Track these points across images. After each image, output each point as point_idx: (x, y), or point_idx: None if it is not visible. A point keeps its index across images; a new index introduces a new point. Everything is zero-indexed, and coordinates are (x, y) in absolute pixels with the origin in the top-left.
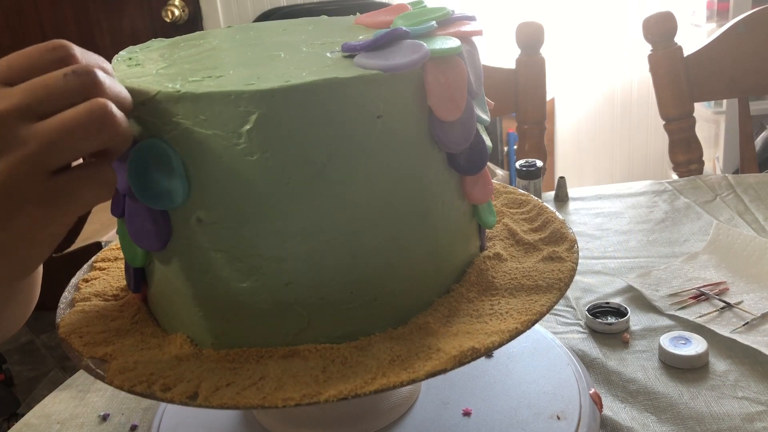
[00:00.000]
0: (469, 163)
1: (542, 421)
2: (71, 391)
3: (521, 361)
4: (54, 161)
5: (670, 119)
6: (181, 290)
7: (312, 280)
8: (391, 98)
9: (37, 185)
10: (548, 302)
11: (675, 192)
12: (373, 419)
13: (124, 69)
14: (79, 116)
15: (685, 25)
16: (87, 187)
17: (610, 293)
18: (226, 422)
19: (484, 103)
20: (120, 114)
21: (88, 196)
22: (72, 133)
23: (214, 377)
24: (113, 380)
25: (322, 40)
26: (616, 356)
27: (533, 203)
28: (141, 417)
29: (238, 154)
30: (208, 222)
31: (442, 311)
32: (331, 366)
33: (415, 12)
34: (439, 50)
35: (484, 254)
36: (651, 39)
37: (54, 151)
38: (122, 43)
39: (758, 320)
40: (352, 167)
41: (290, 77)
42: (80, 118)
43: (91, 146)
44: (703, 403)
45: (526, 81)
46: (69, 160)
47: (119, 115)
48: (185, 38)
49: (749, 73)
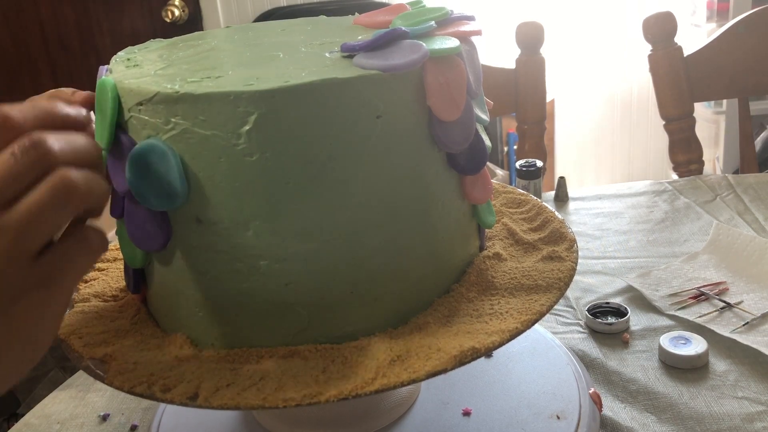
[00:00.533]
0: (469, 163)
1: (542, 421)
2: (71, 391)
3: (521, 361)
4: (32, 246)
5: (670, 119)
6: (180, 291)
7: (312, 280)
8: (391, 98)
9: (24, 272)
10: (548, 302)
11: (675, 192)
12: (373, 419)
13: (122, 70)
14: (42, 199)
15: (685, 25)
16: (76, 256)
17: (610, 293)
18: (226, 422)
19: (484, 103)
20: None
21: (80, 265)
22: (41, 216)
23: (214, 378)
24: (113, 381)
25: (321, 40)
26: (616, 356)
27: (532, 203)
28: (141, 417)
29: (238, 154)
30: (207, 222)
31: (442, 311)
32: (331, 366)
33: (414, 12)
34: (439, 50)
35: (483, 254)
36: (651, 39)
37: (29, 238)
38: (122, 43)
39: (758, 320)
40: (352, 167)
41: (289, 77)
42: (44, 199)
43: (65, 219)
44: (703, 403)
45: (526, 81)
46: (47, 238)
47: (83, 179)
48: (184, 39)
49: (749, 73)
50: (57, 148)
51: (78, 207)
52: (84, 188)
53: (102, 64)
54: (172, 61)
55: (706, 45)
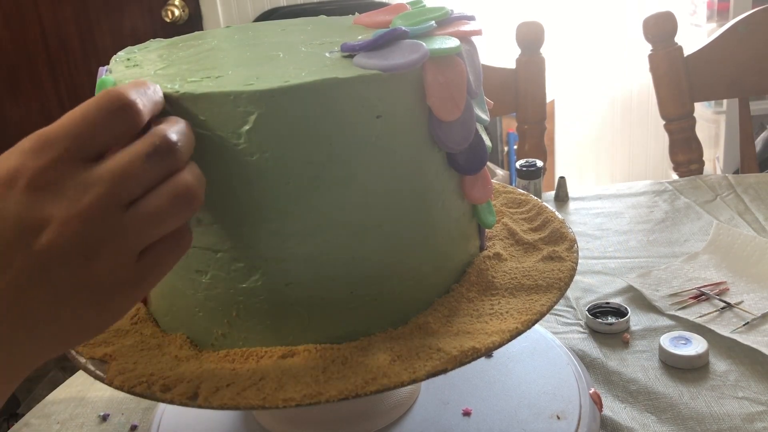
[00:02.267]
0: (469, 162)
1: (542, 421)
2: (71, 391)
3: (521, 361)
4: (142, 247)
5: (671, 119)
6: (180, 290)
7: (312, 280)
8: (391, 98)
9: (128, 270)
10: (548, 302)
11: (675, 192)
12: (373, 419)
13: (122, 70)
14: (164, 205)
15: (685, 25)
16: (171, 256)
17: (610, 293)
18: (226, 422)
19: (484, 102)
20: (200, 183)
21: (172, 265)
22: (160, 221)
23: (214, 377)
24: (113, 381)
25: (321, 40)
26: (617, 356)
27: (533, 203)
28: (141, 417)
29: (238, 154)
30: (207, 222)
31: (442, 311)
32: (331, 366)
33: (414, 12)
34: (439, 50)
35: (483, 254)
36: (651, 39)
37: (143, 240)
38: (122, 43)
39: (758, 320)
40: (352, 167)
41: (289, 77)
42: (165, 206)
43: (179, 223)
44: (703, 404)
45: (526, 81)
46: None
47: (200, 184)
48: (184, 38)
49: (749, 73)
50: (183, 150)
51: (194, 213)
52: (201, 193)
53: (102, 64)
54: (172, 61)
55: (706, 45)
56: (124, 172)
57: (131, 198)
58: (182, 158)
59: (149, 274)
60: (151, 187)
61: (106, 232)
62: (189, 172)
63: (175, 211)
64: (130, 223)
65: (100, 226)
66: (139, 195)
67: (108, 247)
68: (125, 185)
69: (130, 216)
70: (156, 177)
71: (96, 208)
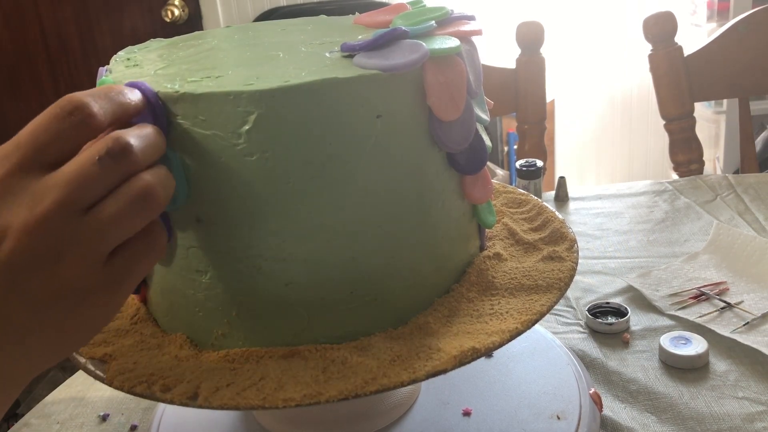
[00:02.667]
0: (469, 162)
1: (542, 421)
2: (71, 391)
3: (521, 361)
4: (107, 251)
5: (671, 119)
6: (180, 291)
7: (312, 280)
8: (391, 98)
9: (95, 274)
10: (548, 302)
11: (675, 192)
12: (373, 419)
13: (122, 70)
14: (123, 207)
15: (685, 25)
16: (144, 257)
17: (610, 293)
18: (226, 422)
19: (484, 102)
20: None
21: (146, 267)
22: (120, 224)
23: (214, 378)
24: (113, 381)
25: (321, 40)
26: (617, 356)
27: (533, 203)
28: (141, 417)
29: (238, 154)
30: (207, 222)
31: (442, 311)
32: (331, 366)
33: (414, 12)
34: (439, 50)
35: (484, 254)
36: (651, 39)
37: (105, 244)
38: (122, 43)
39: (758, 320)
40: (352, 167)
41: (289, 77)
42: (125, 208)
43: (142, 224)
44: (703, 404)
45: (526, 81)
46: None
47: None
48: (184, 38)
49: (749, 73)
50: (140, 152)
51: (156, 213)
52: (162, 194)
53: (102, 64)
54: (172, 61)
55: (706, 45)
56: (78, 176)
57: (90, 202)
58: (139, 160)
59: (123, 276)
60: (110, 191)
61: (67, 237)
62: (150, 174)
63: (135, 213)
64: (91, 227)
65: (59, 231)
66: (98, 198)
67: (72, 252)
68: (80, 189)
69: (90, 219)
70: (113, 180)
71: (53, 213)
